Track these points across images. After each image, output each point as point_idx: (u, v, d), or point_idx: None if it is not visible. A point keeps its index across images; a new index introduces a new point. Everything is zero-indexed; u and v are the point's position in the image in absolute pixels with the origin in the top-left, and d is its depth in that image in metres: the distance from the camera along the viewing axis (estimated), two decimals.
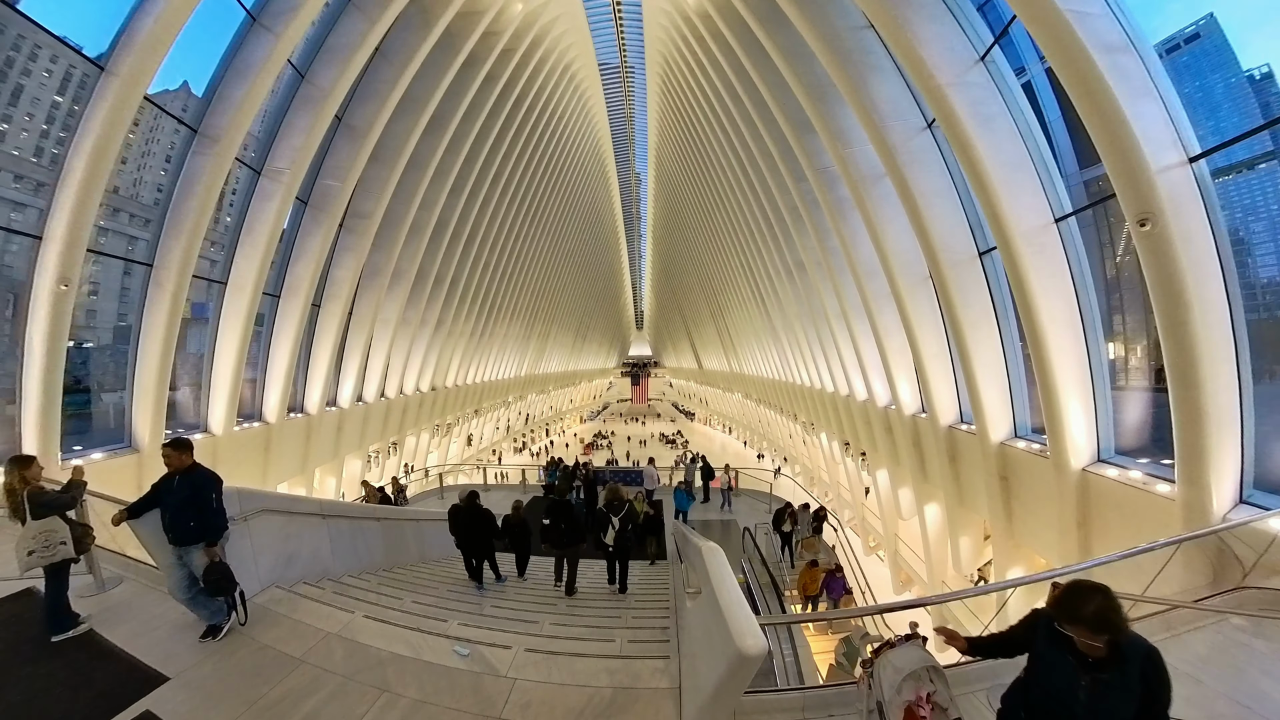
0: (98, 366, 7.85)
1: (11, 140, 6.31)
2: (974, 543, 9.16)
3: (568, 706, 2.76)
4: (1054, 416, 5.88)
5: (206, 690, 2.82)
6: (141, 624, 3.45)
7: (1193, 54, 4.70)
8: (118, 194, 7.73)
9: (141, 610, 3.64)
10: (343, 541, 5.49)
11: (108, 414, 7.68)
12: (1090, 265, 6.02)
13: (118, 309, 7.95)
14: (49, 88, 6.33)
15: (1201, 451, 4.26)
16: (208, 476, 3.28)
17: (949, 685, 2.00)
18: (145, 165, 7.99)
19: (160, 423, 7.66)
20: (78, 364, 7.42)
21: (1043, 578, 2.79)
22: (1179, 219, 4.20)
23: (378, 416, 15.44)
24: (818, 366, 17.62)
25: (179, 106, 7.81)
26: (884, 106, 7.75)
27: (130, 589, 3.94)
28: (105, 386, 7.73)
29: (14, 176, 6.33)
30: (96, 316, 7.93)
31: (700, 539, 3.83)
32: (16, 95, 6.19)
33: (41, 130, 6.44)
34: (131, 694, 2.72)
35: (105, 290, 7.93)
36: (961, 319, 7.43)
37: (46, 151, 6.41)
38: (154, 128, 7.85)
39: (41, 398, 6.00)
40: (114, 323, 7.99)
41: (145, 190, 8.01)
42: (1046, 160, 6.16)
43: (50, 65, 6.27)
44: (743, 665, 1.92)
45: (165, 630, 3.36)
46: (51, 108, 6.40)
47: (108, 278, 7.87)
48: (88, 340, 7.82)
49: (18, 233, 6.12)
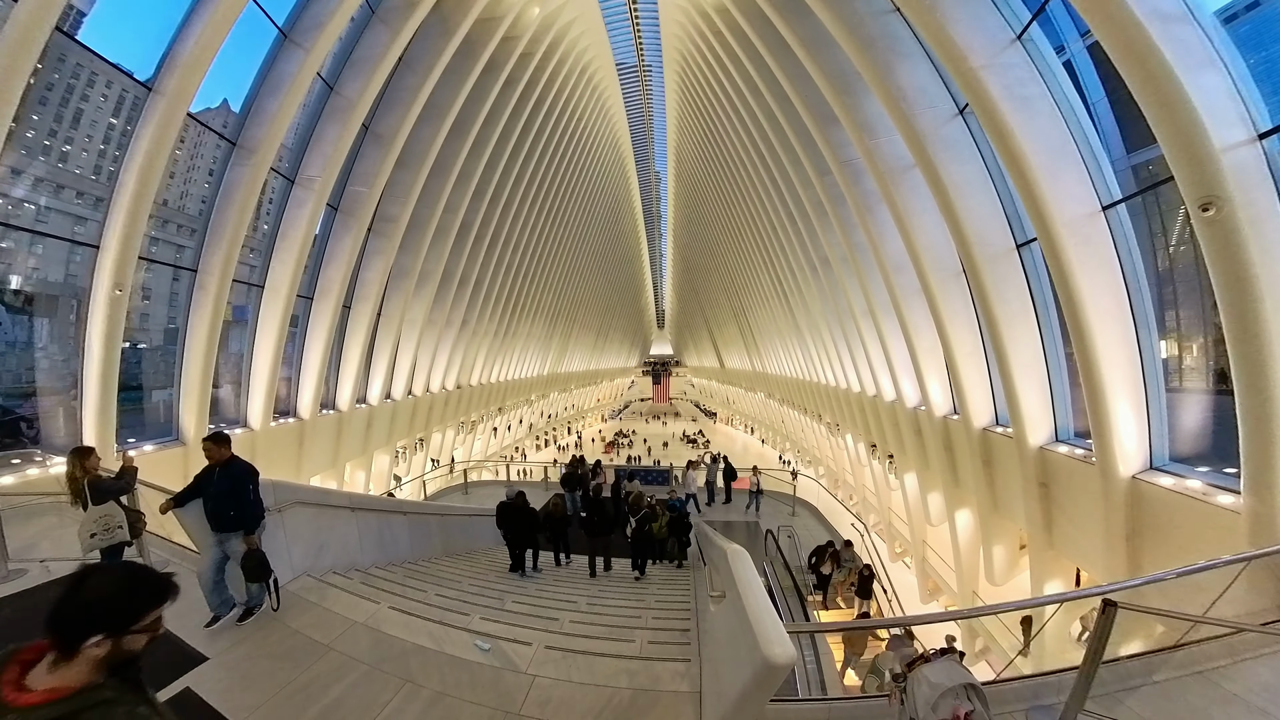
0: (149, 365, 8.38)
1: (74, 160, 6.81)
2: (1009, 552, 8.71)
3: (586, 706, 2.74)
4: (1101, 420, 5.50)
5: (242, 671, 2.95)
6: (186, 606, 3.62)
7: (1253, 22, 4.30)
8: (166, 206, 8.22)
9: (186, 593, 3.76)
10: (370, 534, 5.66)
11: (158, 409, 8.18)
12: (1142, 256, 5.61)
13: (167, 312, 8.46)
14: (105, 110, 6.80)
15: (1272, 460, 3.89)
16: (245, 469, 3.43)
17: (989, 704, 1.88)
18: (190, 178, 8.48)
19: (204, 418, 8.09)
20: (132, 363, 7.93)
21: (1092, 593, 2.60)
22: (1247, 203, 3.84)
23: (405, 413, 15.92)
24: (844, 366, 17.15)
25: (219, 122, 8.25)
26: (912, 93, 7.44)
27: (177, 573, 4.16)
28: (156, 384, 8.24)
29: (76, 193, 6.83)
30: (149, 319, 8.46)
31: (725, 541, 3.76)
32: (77, 118, 6.67)
33: (100, 150, 6.93)
34: (174, 672, 2.87)
35: (156, 295, 8.46)
36: (998, 315, 7.07)
37: (104, 169, 6.88)
38: (197, 143, 8.31)
39: (100, 394, 6.43)
40: (164, 325, 8.50)
41: (190, 201, 8.50)
42: (1092, 144, 5.76)
43: (106, 89, 6.73)
44: (770, 674, 1.86)
45: (207, 614, 3.53)
46: (108, 128, 6.87)
47: (158, 284, 8.38)
48: (141, 341, 8.35)
49: (79, 243, 6.58)
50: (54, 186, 6.63)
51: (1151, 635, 2.95)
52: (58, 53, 6.15)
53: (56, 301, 6.86)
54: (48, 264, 6.71)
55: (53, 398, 6.57)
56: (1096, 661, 2.17)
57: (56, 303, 6.86)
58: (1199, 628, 2.76)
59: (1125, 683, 2.62)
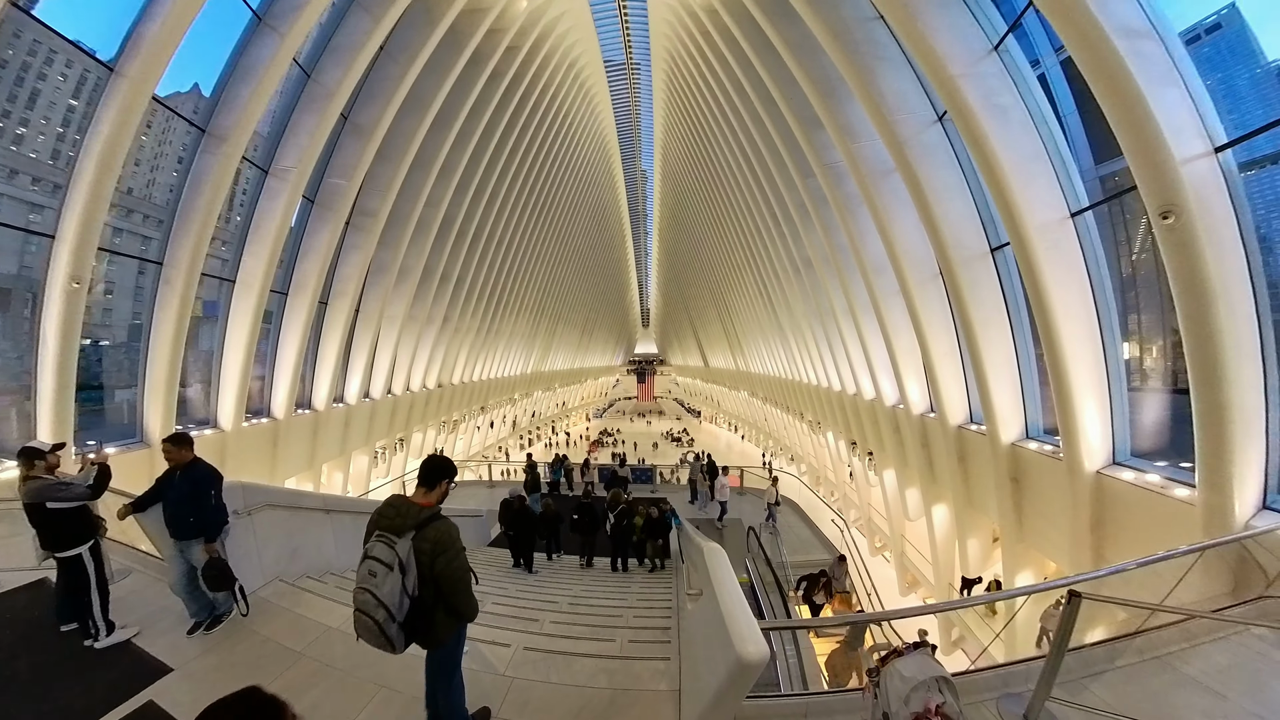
0: (111, 363, 7.98)
1: (29, 144, 6.42)
2: (982, 545, 9.00)
3: (566, 707, 2.72)
4: (1068, 417, 5.72)
5: (209, 681, 2.84)
6: (147, 615, 3.48)
7: (1214, 44, 4.53)
8: (130, 194, 7.84)
9: (149, 602, 3.67)
10: (346, 536, 5.52)
11: (120, 410, 7.81)
12: (1107, 261, 5.84)
13: (131, 307, 8.07)
14: (63, 91, 6.43)
15: (1224, 454, 4.10)
16: (207, 472, 3.28)
17: (959, 696, 1.93)
18: (156, 166, 8.09)
19: (170, 419, 7.76)
20: (92, 361, 7.55)
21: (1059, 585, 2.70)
22: (1204, 212, 4.03)
23: (384, 413, 15.56)
24: (825, 365, 17.44)
25: (188, 107, 7.89)
26: (894, 99, 7.59)
27: (138, 581, 3.99)
28: (118, 383, 7.86)
29: (31, 179, 6.45)
30: (111, 315, 8.06)
31: (703, 539, 3.78)
32: (33, 99, 6.30)
33: (58, 133, 6.55)
34: (136, 684, 2.75)
35: (119, 289, 8.06)
36: (973, 316, 7.27)
37: (63, 154, 6.51)
38: (164, 129, 7.94)
39: (55, 392, 6.10)
40: (127, 321, 8.11)
41: (156, 190, 8.11)
42: (1062, 153, 5.97)
43: (65, 69, 6.37)
44: (743, 672, 1.87)
45: (170, 621, 3.39)
46: (66, 110, 6.50)
47: (121, 276, 7.99)
48: (102, 338, 7.95)
49: (34, 232, 6.22)
50: (7, 171, 6.25)
51: (1114, 623, 3.08)
52: (12, 28, 5.79)
53: (9, 295, 6.47)
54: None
55: (4, 397, 6.21)
56: (1063, 650, 2.25)
57: (9, 296, 6.48)
58: (1158, 614, 2.89)
59: (1090, 669, 2.72)
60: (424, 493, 2.23)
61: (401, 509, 2.14)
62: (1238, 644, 2.94)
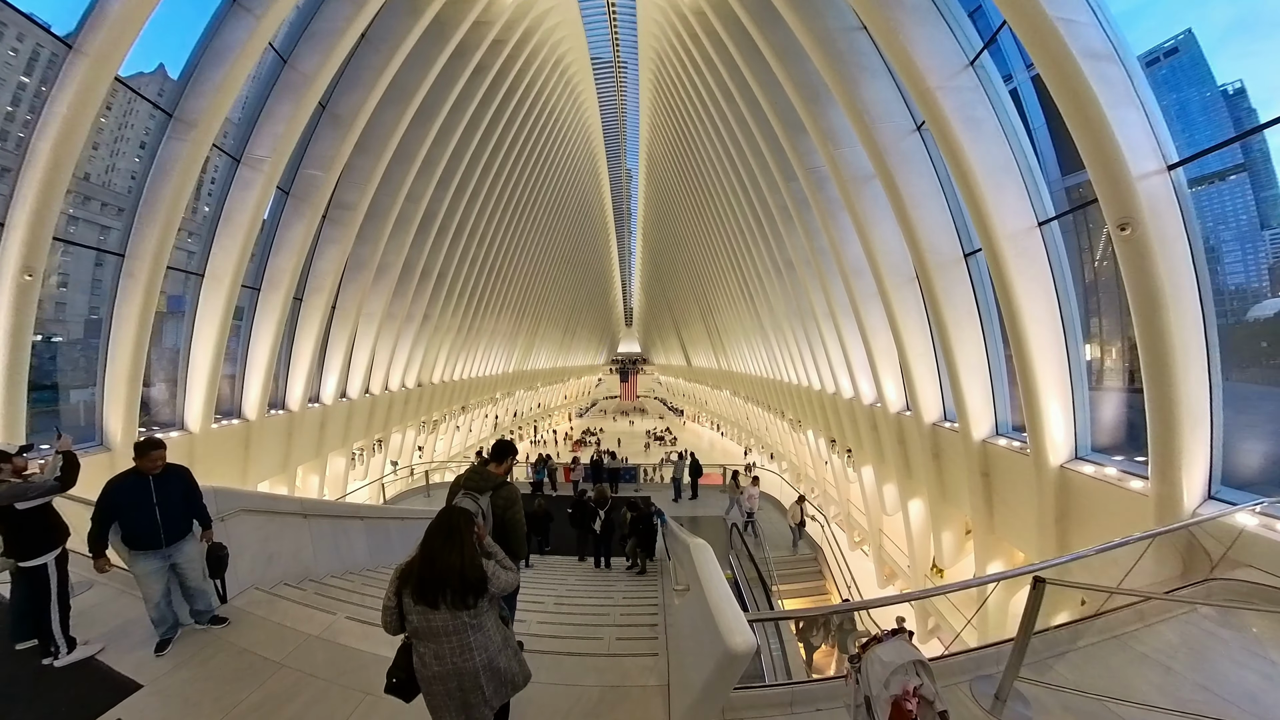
0: (66, 361, 7.54)
1: None
2: (956, 538, 9.37)
3: (554, 707, 2.73)
4: (1034, 415, 6.02)
5: (182, 697, 2.73)
6: (112, 630, 3.33)
7: (1171, 67, 4.84)
8: (89, 181, 7.41)
9: (112, 616, 3.51)
10: (325, 541, 5.38)
11: (77, 411, 7.39)
12: (1071, 269, 6.17)
13: (89, 301, 7.64)
14: (14, 67, 6.03)
15: (1174, 449, 4.40)
16: (183, 468, 3.26)
17: (935, 679, 2.03)
18: (118, 151, 7.67)
19: (133, 420, 7.40)
20: (45, 359, 7.12)
21: (1024, 572, 2.86)
22: (1157, 224, 4.31)
23: (362, 413, 15.16)
24: (805, 364, 17.80)
25: (154, 90, 7.51)
26: (875, 108, 7.81)
27: (100, 594, 3.80)
28: (74, 382, 7.43)
29: None
30: (66, 309, 7.60)
31: (689, 535, 3.84)
32: None
33: (6, 113, 6.14)
34: (102, 703, 2.62)
35: (75, 282, 7.61)
36: (946, 319, 7.56)
37: (12, 136, 6.11)
38: (127, 111, 7.53)
39: (6, 391, 5.74)
40: (84, 316, 7.67)
41: (117, 177, 7.70)
42: (1031, 165, 6.27)
43: (17, 44, 5.97)
44: (732, 663, 1.93)
45: (138, 636, 3.24)
46: (17, 89, 6.09)
47: (78, 269, 7.54)
48: (56, 334, 7.50)
49: None
50: None
51: (1076, 607, 3.28)
52: None
53: None
54: None
55: None
56: (1029, 633, 2.40)
57: None
58: (1115, 597, 3.10)
59: (1054, 649, 2.89)
60: (495, 465, 3.05)
61: (484, 474, 2.95)
62: (1186, 622, 3.17)
